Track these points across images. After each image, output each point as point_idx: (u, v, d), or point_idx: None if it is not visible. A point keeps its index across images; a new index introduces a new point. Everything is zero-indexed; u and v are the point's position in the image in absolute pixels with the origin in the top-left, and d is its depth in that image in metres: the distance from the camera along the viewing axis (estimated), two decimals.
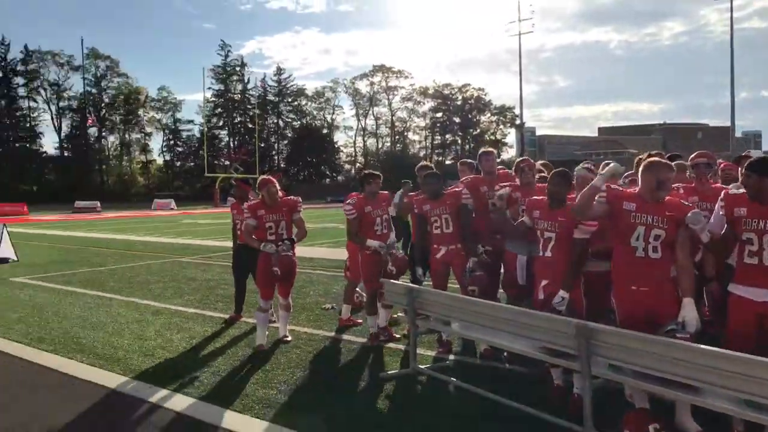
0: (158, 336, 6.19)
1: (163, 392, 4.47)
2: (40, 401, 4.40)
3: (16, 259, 12.89)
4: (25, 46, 72.51)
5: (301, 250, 12.55)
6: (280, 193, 5.74)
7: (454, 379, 4.60)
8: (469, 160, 6.39)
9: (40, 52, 73.49)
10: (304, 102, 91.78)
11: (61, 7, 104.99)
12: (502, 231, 5.01)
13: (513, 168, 5.43)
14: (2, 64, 71.24)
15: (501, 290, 5.53)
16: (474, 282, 4.96)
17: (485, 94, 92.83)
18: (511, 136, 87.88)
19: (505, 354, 4.93)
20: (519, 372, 4.75)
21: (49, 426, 3.90)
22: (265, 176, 5.97)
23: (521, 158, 5.55)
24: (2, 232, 12.88)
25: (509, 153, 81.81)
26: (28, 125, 73.75)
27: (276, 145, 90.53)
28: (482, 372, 4.87)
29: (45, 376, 5.01)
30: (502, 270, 5.33)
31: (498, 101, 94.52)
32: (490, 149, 5.91)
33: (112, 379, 4.82)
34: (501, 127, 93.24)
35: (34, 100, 74.61)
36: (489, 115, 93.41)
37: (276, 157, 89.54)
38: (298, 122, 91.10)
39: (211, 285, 9.32)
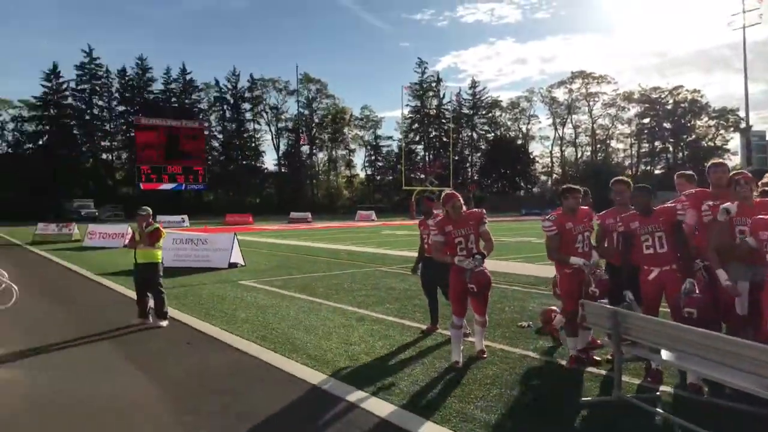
0: (362, 342, 6.61)
1: (367, 397, 4.76)
2: (263, 393, 4.97)
3: (244, 264, 14.72)
4: (251, 75, 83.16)
5: (495, 265, 12.49)
6: (464, 207, 5.78)
7: (665, 413, 4.22)
8: (689, 172, 5.81)
9: (263, 80, 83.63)
10: (498, 113, 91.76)
11: (280, 38, 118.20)
12: (723, 253, 4.49)
13: (727, 181, 4.83)
14: (233, 92, 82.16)
15: None
16: (691, 303, 4.48)
17: (701, 96, 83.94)
18: (735, 142, 77.96)
19: (727, 390, 4.40)
20: (745, 411, 4.20)
21: (268, 416, 4.40)
22: (449, 191, 5.98)
23: (736, 171, 4.93)
24: (233, 241, 14.80)
25: (733, 161, 72.53)
26: (252, 145, 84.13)
27: (470, 157, 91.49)
28: (699, 408, 4.39)
29: (268, 371, 5.64)
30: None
31: (717, 103, 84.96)
32: (721, 161, 5.31)
33: (322, 380, 5.27)
34: (722, 132, 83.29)
35: (258, 123, 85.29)
36: (706, 119, 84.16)
37: (469, 170, 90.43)
38: (492, 134, 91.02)
39: (409, 295, 9.70)
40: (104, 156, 76.19)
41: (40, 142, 70.09)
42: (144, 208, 8.17)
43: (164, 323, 7.77)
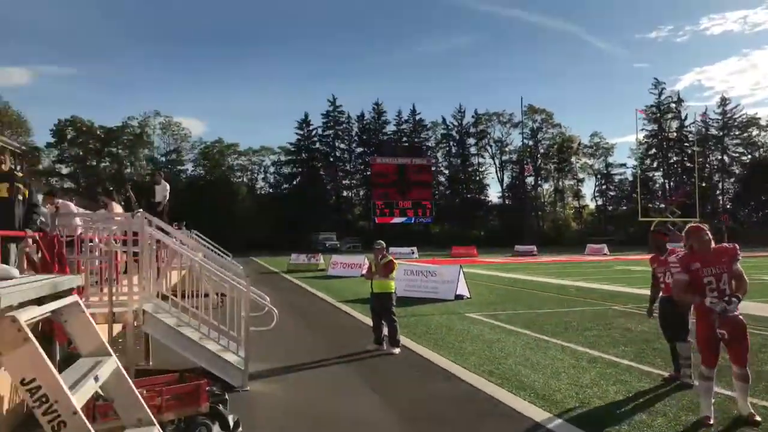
0: (594, 384, 6.24)
1: None
2: (490, 427, 4.99)
3: (469, 296, 14.94)
4: (475, 111, 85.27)
5: (755, 308, 10.86)
6: (712, 242, 5.13)
7: None
8: None
9: (488, 114, 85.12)
10: (755, 132, 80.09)
11: (503, 69, 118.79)
12: None
13: None
14: (459, 128, 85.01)
15: None
16: None
17: None
18: None
19: None
20: None
21: None
22: (693, 224, 5.41)
23: None
24: (459, 273, 15.14)
25: None
26: (477, 178, 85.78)
27: (720, 184, 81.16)
28: None
29: (495, 406, 5.64)
30: None
31: None
32: None
33: (548, 418, 5.12)
34: None
35: (482, 157, 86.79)
36: None
37: (720, 198, 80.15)
38: (749, 156, 79.60)
39: (646, 337, 8.90)
40: (345, 193, 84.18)
41: (294, 183, 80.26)
42: (379, 242, 8.84)
43: (396, 350, 8.25)
